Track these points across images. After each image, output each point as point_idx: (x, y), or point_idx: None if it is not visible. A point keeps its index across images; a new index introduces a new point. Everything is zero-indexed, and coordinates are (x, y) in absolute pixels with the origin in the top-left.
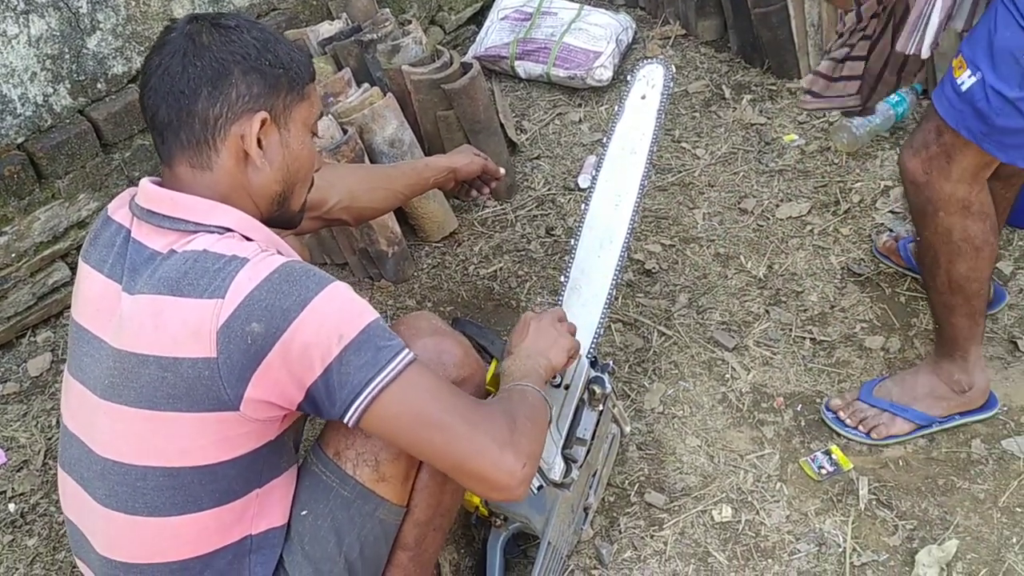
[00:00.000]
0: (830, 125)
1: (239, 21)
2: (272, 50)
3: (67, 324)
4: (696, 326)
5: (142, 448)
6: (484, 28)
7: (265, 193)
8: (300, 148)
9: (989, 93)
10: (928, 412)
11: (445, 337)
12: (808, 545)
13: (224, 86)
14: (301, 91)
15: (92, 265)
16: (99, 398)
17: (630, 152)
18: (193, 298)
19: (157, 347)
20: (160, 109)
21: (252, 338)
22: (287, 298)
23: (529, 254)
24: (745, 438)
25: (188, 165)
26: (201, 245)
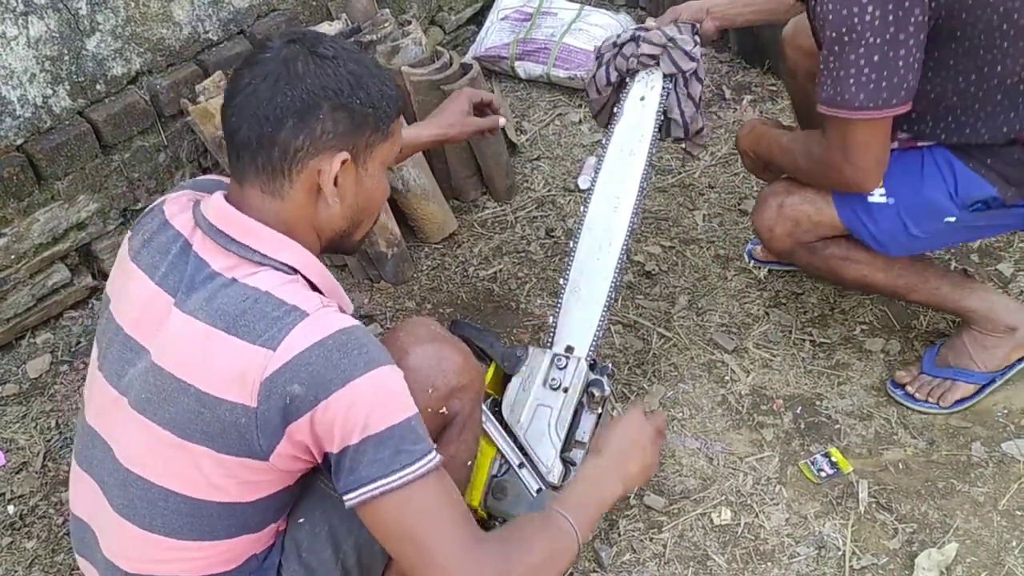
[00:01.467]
0: None
1: (337, 50)
2: (365, 86)
3: (67, 326)
4: (696, 328)
5: (168, 471)
6: (484, 28)
7: (330, 227)
8: (374, 186)
9: (896, 219)
10: (985, 369)
11: (445, 344)
12: (808, 548)
13: (311, 120)
14: (386, 130)
15: (143, 268)
16: (133, 409)
17: (629, 154)
18: (246, 341)
19: (200, 380)
20: (242, 129)
21: (291, 398)
22: (333, 369)
23: (529, 255)
24: (744, 440)
25: (260, 189)
26: (265, 285)
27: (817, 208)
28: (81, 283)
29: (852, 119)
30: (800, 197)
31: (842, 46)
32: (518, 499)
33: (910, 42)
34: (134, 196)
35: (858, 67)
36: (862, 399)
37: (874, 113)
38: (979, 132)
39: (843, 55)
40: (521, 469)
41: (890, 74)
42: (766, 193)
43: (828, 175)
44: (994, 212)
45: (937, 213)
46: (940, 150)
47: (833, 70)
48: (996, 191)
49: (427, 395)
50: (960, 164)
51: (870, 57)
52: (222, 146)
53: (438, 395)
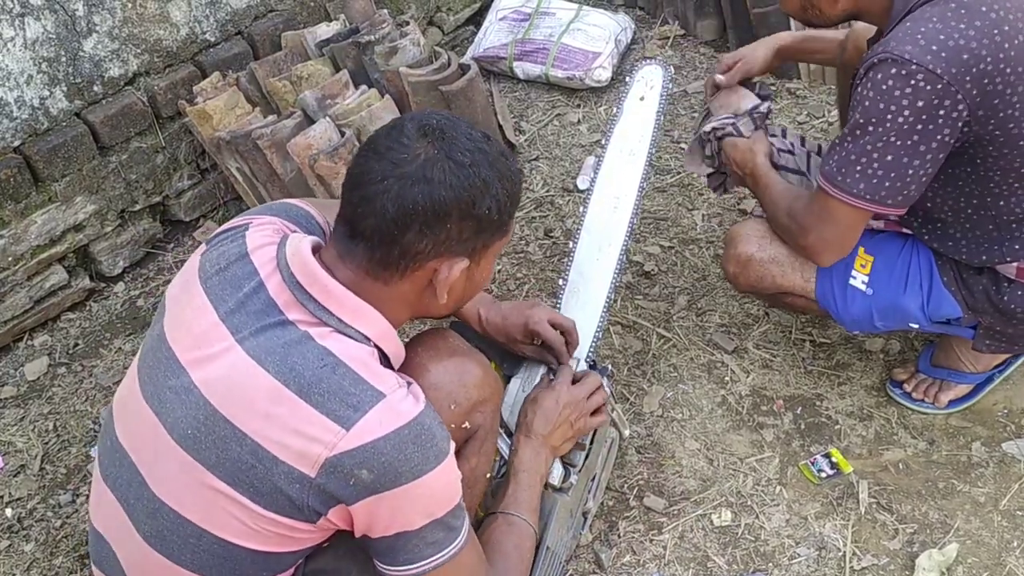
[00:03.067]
0: (829, 125)
1: (474, 155)
2: (495, 194)
3: (64, 328)
4: (695, 328)
5: (206, 512)
6: (482, 29)
7: (429, 313)
8: (482, 279)
9: (867, 309)
10: (974, 369)
11: (465, 357)
12: (808, 549)
13: (437, 228)
14: (506, 228)
15: (210, 296)
16: (175, 442)
17: (629, 154)
18: (318, 412)
19: (260, 435)
20: (366, 220)
21: (356, 481)
22: (406, 463)
23: (528, 256)
24: (745, 441)
25: (365, 272)
26: (342, 352)
27: (783, 271)
28: (79, 285)
29: (841, 199)
30: (769, 255)
31: (864, 133)
32: None
33: (927, 156)
34: (132, 198)
35: (870, 159)
36: (862, 399)
37: (865, 204)
38: (959, 250)
39: (861, 141)
40: None
41: (896, 177)
42: (735, 236)
43: (794, 234)
44: (952, 327)
45: (905, 318)
46: (924, 252)
47: (845, 150)
48: (961, 311)
49: (449, 411)
50: (938, 279)
51: (884, 155)
52: (220, 147)
53: (460, 410)
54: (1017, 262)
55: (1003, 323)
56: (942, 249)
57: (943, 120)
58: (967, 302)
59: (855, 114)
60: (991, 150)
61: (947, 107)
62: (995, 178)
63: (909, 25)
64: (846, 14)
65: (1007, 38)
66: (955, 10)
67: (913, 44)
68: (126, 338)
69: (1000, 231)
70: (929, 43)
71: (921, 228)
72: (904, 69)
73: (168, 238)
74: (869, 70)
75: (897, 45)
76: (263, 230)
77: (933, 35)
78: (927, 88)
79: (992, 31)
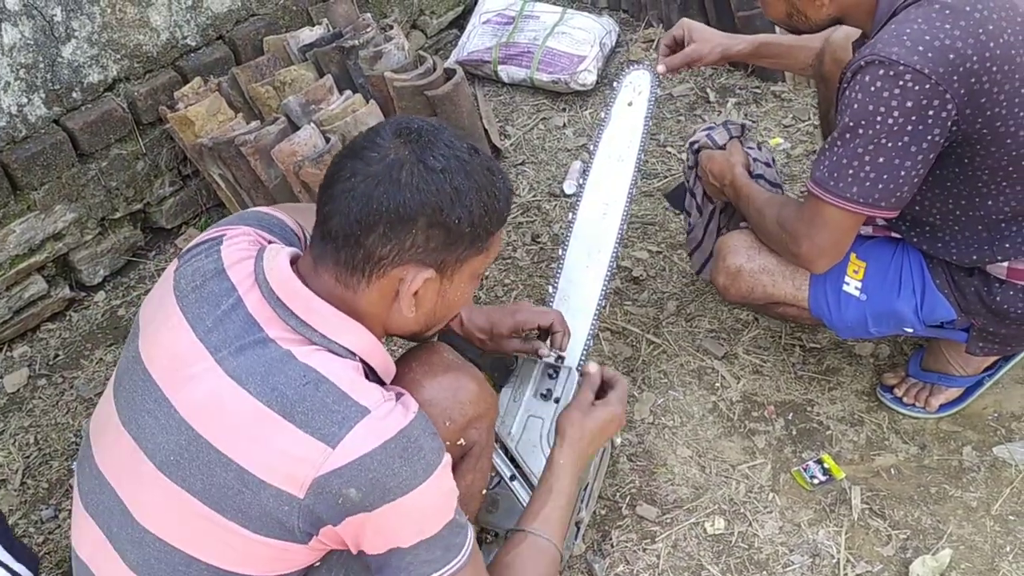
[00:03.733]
0: (815, 128)
1: (448, 161)
2: (467, 204)
3: (44, 339)
4: (685, 334)
5: (194, 540)
6: (466, 32)
7: (399, 329)
8: (457, 298)
9: (861, 315)
10: (964, 373)
11: (460, 373)
12: (802, 556)
13: (402, 232)
14: (483, 245)
15: (186, 315)
16: (157, 469)
17: (617, 160)
18: (303, 431)
19: (246, 459)
20: (333, 220)
21: (344, 499)
22: (394, 478)
23: (515, 262)
24: (736, 448)
25: (335, 277)
26: (324, 367)
27: (773, 281)
28: (58, 295)
29: (833, 203)
30: (759, 266)
31: (854, 136)
32: (510, 512)
33: (918, 157)
34: (112, 205)
35: (862, 161)
36: (853, 404)
37: (858, 207)
38: (949, 251)
39: (851, 145)
40: (513, 482)
41: (889, 179)
42: (724, 248)
43: (785, 243)
44: (945, 330)
45: (900, 323)
46: (915, 255)
47: (835, 154)
48: (955, 314)
49: (445, 428)
50: (930, 282)
51: (876, 157)
52: (202, 153)
53: (455, 427)
54: (1007, 262)
55: (996, 324)
56: (932, 251)
57: (933, 120)
58: (960, 304)
59: (844, 117)
60: (979, 149)
61: (936, 107)
62: (983, 177)
63: (894, 27)
64: (831, 19)
65: (991, 37)
66: (939, 11)
67: (900, 45)
68: (107, 348)
69: (989, 231)
70: (916, 44)
71: (910, 231)
72: (892, 70)
73: (149, 246)
74: (856, 73)
75: (884, 47)
76: (238, 243)
77: (919, 36)
78: (915, 88)
79: (977, 30)
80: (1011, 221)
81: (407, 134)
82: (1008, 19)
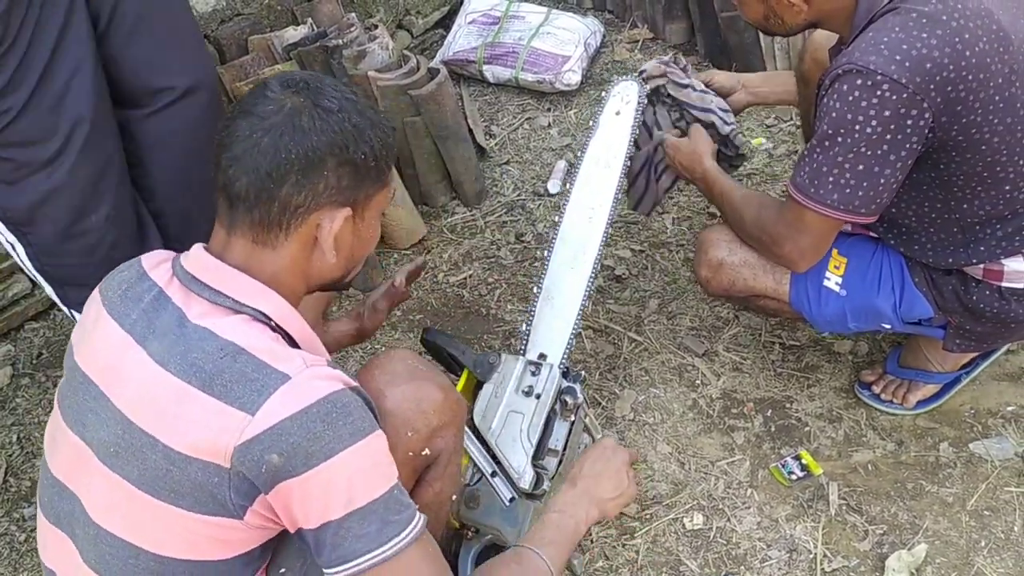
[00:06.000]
0: (797, 128)
1: (341, 102)
2: (368, 139)
3: (28, 337)
4: (666, 332)
5: (136, 529)
6: (452, 32)
7: (322, 276)
8: (370, 235)
9: (840, 310)
10: (942, 369)
11: (424, 381)
12: (779, 552)
13: (313, 176)
14: (384, 178)
15: (113, 315)
16: (100, 462)
17: (604, 166)
18: (222, 402)
19: (171, 437)
20: (239, 181)
21: (268, 466)
22: (315, 442)
23: (499, 261)
24: (716, 444)
25: (251, 240)
26: (242, 339)
27: (754, 274)
28: (42, 294)
29: (814, 209)
30: (740, 259)
31: (833, 144)
32: (491, 508)
33: (897, 165)
34: None
35: (841, 169)
36: (831, 401)
37: (838, 213)
38: (925, 254)
39: (830, 152)
40: (494, 478)
41: (869, 187)
42: (705, 241)
43: (767, 245)
44: (923, 327)
45: (878, 319)
46: (894, 255)
47: (815, 161)
48: (932, 311)
49: (407, 438)
50: (909, 280)
51: (856, 165)
52: None
53: (419, 437)
54: (983, 264)
55: (972, 322)
56: (909, 253)
57: (911, 129)
58: (937, 302)
59: (823, 125)
60: (954, 155)
61: (914, 116)
62: (958, 182)
63: (872, 35)
64: (807, 23)
65: (967, 46)
66: (916, 19)
67: (877, 54)
68: None
69: (964, 234)
70: (893, 53)
71: (887, 233)
72: (870, 80)
73: None
74: (834, 81)
75: (861, 56)
76: (154, 256)
77: (896, 45)
78: (893, 98)
79: (953, 39)
80: (985, 224)
81: (294, 84)
82: (983, 27)
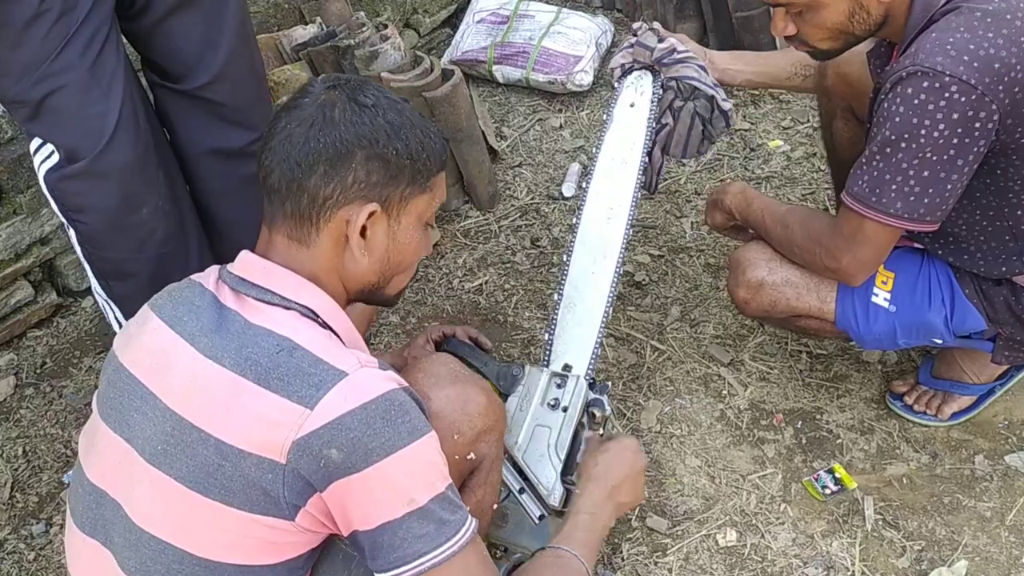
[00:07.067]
0: (814, 130)
1: (378, 99)
2: (403, 137)
3: (31, 346)
4: (690, 340)
5: (183, 531)
6: (460, 31)
7: (357, 280)
8: (407, 241)
9: (890, 326)
10: (978, 380)
11: (468, 385)
12: (816, 569)
13: (342, 168)
14: (424, 184)
15: (163, 318)
16: (147, 462)
17: (621, 163)
18: (280, 396)
19: (224, 431)
20: (274, 173)
21: (326, 462)
22: (376, 438)
23: (515, 266)
24: (746, 457)
25: (287, 235)
26: (298, 336)
27: (798, 294)
28: (45, 300)
29: (876, 219)
30: (782, 278)
31: (896, 150)
32: (520, 526)
33: (964, 169)
34: None
35: (905, 176)
36: (862, 412)
37: (902, 222)
38: (976, 263)
39: (893, 159)
40: (522, 495)
41: (935, 193)
42: (742, 261)
43: (822, 259)
44: (973, 340)
45: (929, 334)
46: (942, 266)
47: (876, 169)
48: (984, 324)
49: (453, 441)
50: (959, 290)
51: (921, 170)
52: None
53: (464, 440)
54: None
55: (1023, 333)
56: (958, 263)
57: (979, 131)
58: (988, 314)
59: (883, 131)
60: (1015, 159)
61: (982, 118)
62: (1015, 188)
63: (936, 36)
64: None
65: None
66: (981, 19)
67: (944, 55)
68: (96, 356)
69: (1017, 241)
70: (960, 53)
71: (934, 243)
72: (937, 81)
73: None
74: (897, 84)
75: (927, 57)
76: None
77: (963, 45)
78: (962, 100)
79: (1020, 38)
80: None
81: (336, 81)
82: None
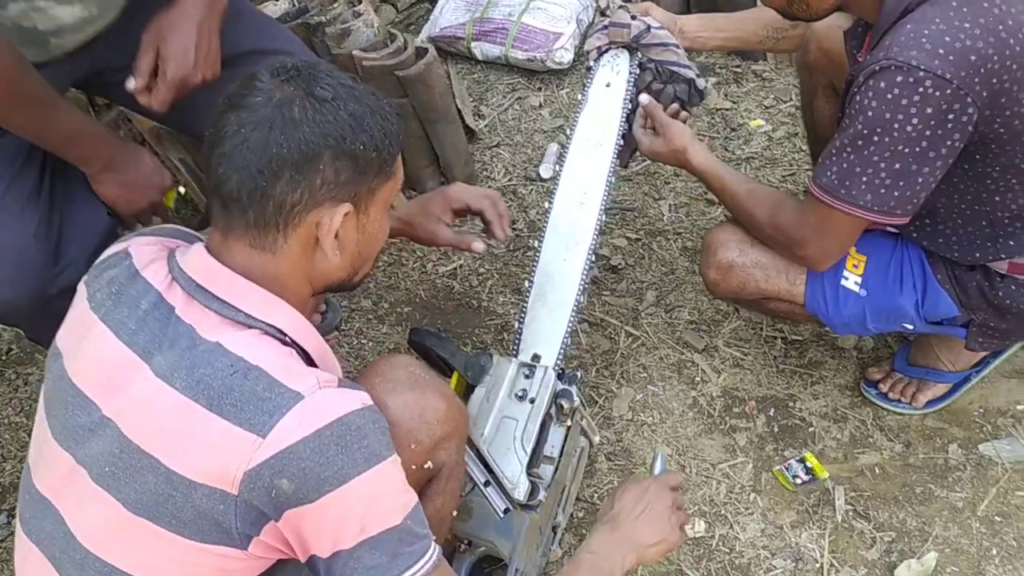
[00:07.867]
0: (796, 109)
1: (336, 89)
2: (367, 128)
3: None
4: (664, 326)
5: (133, 558)
6: (438, 7)
7: (327, 278)
8: (376, 231)
9: (859, 310)
10: (954, 368)
11: (426, 390)
12: (784, 561)
13: (309, 171)
14: (389, 171)
15: (108, 324)
16: (94, 482)
17: (595, 145)
18: (232, 423)
19: (174, 461)
20: (230, 180)
21: (277, 492)
22: (328, 467)
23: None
24: (717, 446)
25: (248, 244)
26: (254, 356)
27: (767, 276)
28: None
29: (844, 211)
30: (752, 260)
31: (867, 143)
32: (485, 520)
33: (937, 163)
34: None
35: (876, 169)
36: (836, 400)
37: (871, 215)
38: (951, 248)
39: (865, 152)
40: (487, 488)
41: (906, 187)
42: (714, 242)
43: (787, 246)
44: (945, 327)
45: (900, 319)
46: (915, 250)
47: (846, 161)
48: (957, 309)
49: (410, 451)
50: (932, 277)
51: (892, 164)
52: (161, 137)
53: (422, 449)
54: (1011, 259)
55: (997, 319)
56: (933, 247)
57: (953, 125)
58: (961, 300)
59: (856, 124)
60: (994, 147)
61: (956, 111)
62: (993, 175)
63: (910, 27)
64: (833, 7)
65: (1011, 33)
66: (957, 8)
67: (918, 49)
68: None
69: (994, 227)
70: (935, 46)
71: (909, 226)
72: (911, 76)
73: None
74: (870, 77)
75: (901, 50)
76: (145, 250)
77: (938, 37)
78: (936, 95)
79: (997, 27)
80: (1016, 218)
81: (285, 73)
82: None
